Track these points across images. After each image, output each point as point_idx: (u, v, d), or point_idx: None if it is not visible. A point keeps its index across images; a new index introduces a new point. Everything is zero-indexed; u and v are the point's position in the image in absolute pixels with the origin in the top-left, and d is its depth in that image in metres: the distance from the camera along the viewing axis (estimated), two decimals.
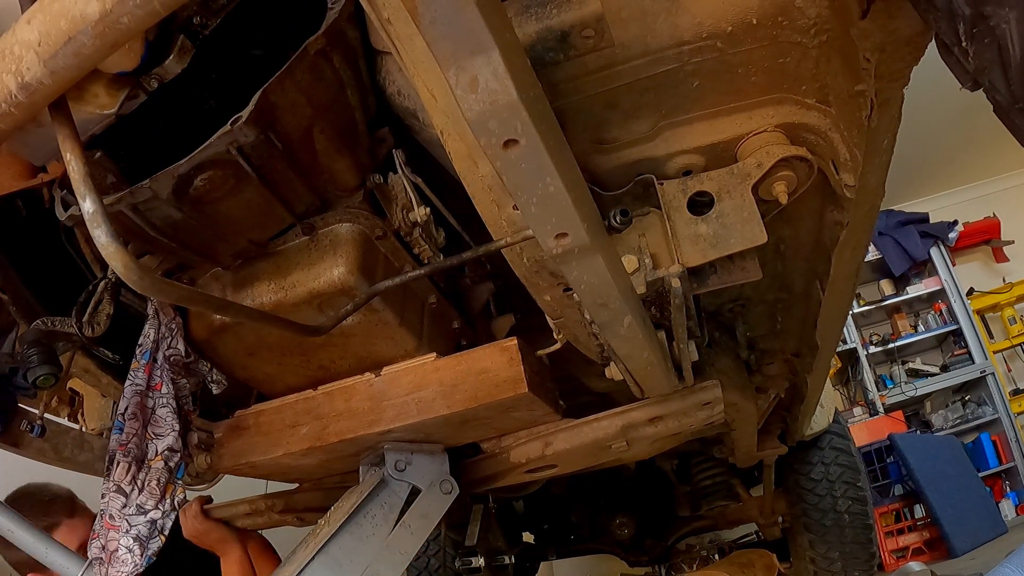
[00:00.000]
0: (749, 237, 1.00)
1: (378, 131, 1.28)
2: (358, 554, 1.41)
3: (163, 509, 1.35)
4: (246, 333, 1.39)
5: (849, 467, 3.08)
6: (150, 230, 1.17)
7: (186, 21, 1.10)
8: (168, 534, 1.36)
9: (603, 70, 0.89)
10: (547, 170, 0.69)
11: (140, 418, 1.36)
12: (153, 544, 1.33)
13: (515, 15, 0.87)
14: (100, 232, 0.83)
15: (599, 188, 1.05)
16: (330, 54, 1.09)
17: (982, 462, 6.30)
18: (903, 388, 6.67)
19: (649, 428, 1.52)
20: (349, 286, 1.27)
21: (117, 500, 1.33)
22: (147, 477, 1.36)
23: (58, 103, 0.87)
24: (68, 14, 0.75)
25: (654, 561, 3.76)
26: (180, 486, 1.40)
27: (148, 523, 1.34)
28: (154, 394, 1.38)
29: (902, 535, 5.73)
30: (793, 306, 1.66)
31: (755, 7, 0.82)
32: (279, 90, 1.05)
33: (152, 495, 1.35)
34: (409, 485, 1.53)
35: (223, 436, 1.52)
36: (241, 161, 1.07)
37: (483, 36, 0.59)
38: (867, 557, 3.11)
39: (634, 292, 1.00)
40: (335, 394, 1.47)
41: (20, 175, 1.22)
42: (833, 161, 1.01)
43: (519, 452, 1.60)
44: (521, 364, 1.35)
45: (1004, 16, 0.59)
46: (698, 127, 1.00)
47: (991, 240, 7.09)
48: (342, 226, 1.31)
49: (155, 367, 1.38)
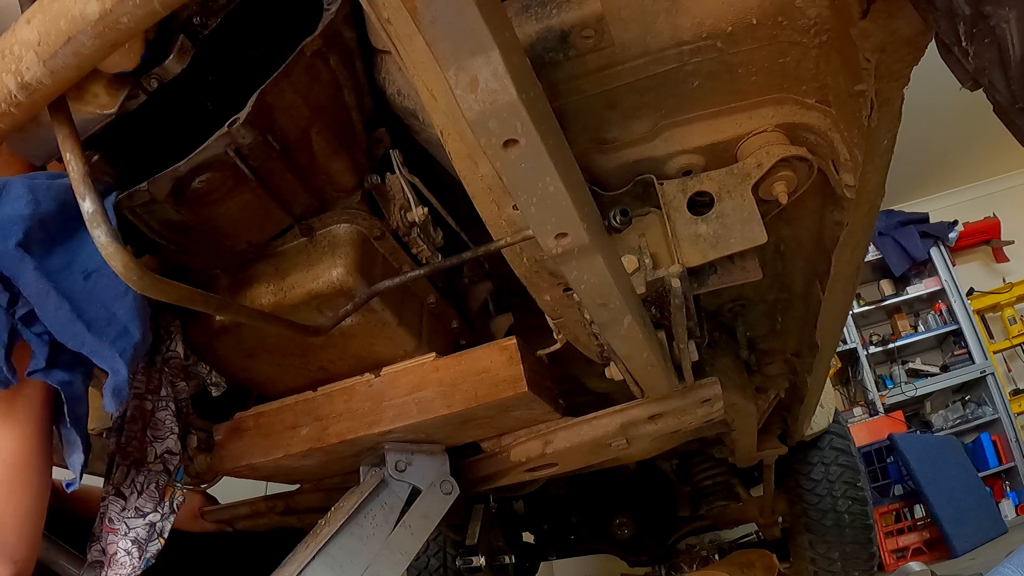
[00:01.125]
0: (749, 237, 1.00)
1: (375, 131, 1.28)
2: (358, 554, 1.41)
3: (162, 512, 1.35)
4: (245, 335, 1.38)
5: (849, 467, 3.08)
6: (148, 232, 1.17)
7: (186, 21, 1.10)
8: (168, 536, 1.36)
9: (603, 70, 0.89)
10: (547, 170, 0.69)
11: (139, 421, 1.36)
12: (152, 547, 1.33)
13: (515, 15, 0.87)
14: (100, 232, 0.83)
15: (599, 188, 1.05)
16: (327, 55, 1.09)
17: (982, 462, 6.31)
18: (903, 388, 6.67)
19: (649, 426, 1.52)
20: (348, 287, 1.27)
21: (116, 504, 1.33)
22: (146, 480, 1.36)
23: (58, 103, 0.87)
24: (68, 14, 0.76)
25: (654, 561, 3.76)
26: (179, 489, 1.40)
27: (147, 526, 1.34)
28: (153, 397, 1.38)
29: (902, 535, 5.73)
30: (793, 306, 1.66)
31: (755, 7, 0.82)
32: (276, 91, 1.05)
33: (151, 498, 1.35)
34: (410, 485, 1.53)
35: (223, 438, 1.52)
36: (239, 163, 1.07)
37: (483, 36, 0.59)
38: (867, 557, 3.11)
39: (634, 292, 1.00)
40: (335, 395, 1.47)
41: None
42: (833, 161, 1.01)
43: (519, 451, 1.61)
44: (521, 363, 1.36)
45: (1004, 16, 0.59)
46: (698, 127, 1.00)
47: (991, 240, 7.09)
48: (340, 227, 1.30)
49: (153, 370, 1.38)
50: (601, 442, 1.54)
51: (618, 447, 1.58)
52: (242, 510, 1.88)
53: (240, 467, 1.52)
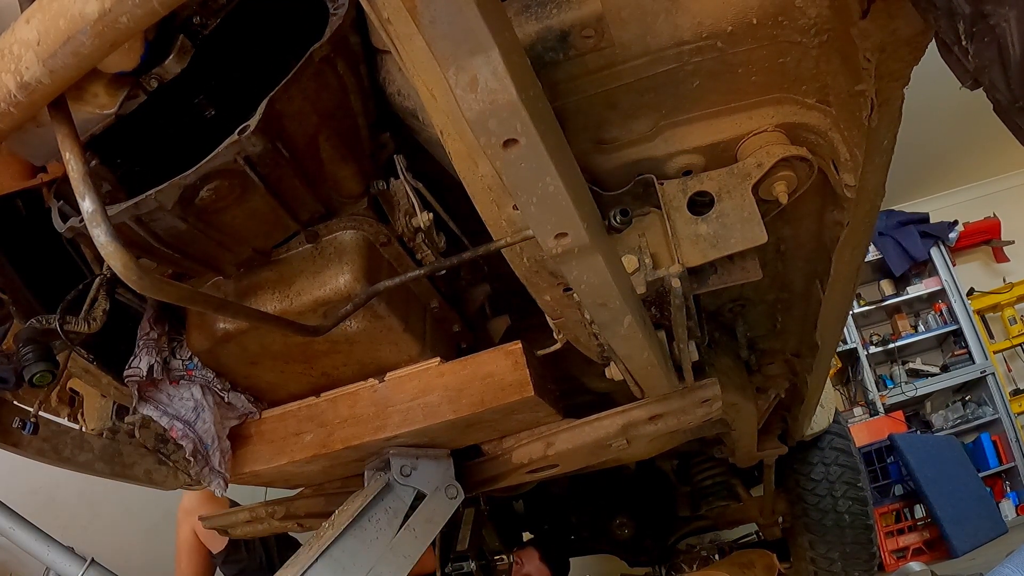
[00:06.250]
0: (749, 237, 1.00)
1: (380, 136, 1.27)
2: (361, 557, 1.41)
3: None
4: (249, 342, 1.37)
5: (849, 467, 3.07)
6: (153, 241, 1.15)
7: (186, 21, 1.09)
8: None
9: (603, 70, 0.89)
10: (547, 170, 0.69)
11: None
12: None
13: (515, 15, 0.87)
14: (99, 232, 0.83)
15: (599, 188, 1.05)
16: (334, 60, 1.08)
17: (982, 462, 6.30)
18: (903, 388, 6.67)
19: (649, 426, 1.52)
20: (355, 294, 1.25)
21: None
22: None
23: (57, 103, 0.87)
24: (67, 13, 0.75)
25: (654, 561, 3.76)
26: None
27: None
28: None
29: (902, 535, 5.73)
30: (793, 306, 1.66)
31: (755, 7, 0.82)
32: (285, 98, 1.04)
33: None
34: (414, 490, 1.53)
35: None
36: (248, 171, 1.06)
37: (483, 35, 0.59)
38: (867, 557, 3.11)
39: (634, 292, 1.00)
40: (339, 400, 1.47)
41: (20, 175, 1.22)
42: (833, 161, 1.01)
43: (521, 453, 1.60)
44: (526, 367, 1.36)
45: (1004, 15, 0.59)
46: (698, 127, 1.00)
47: (991, 240, 7.08)
48: (346, 233, 1.30)
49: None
50: (602, 443, 1.54)
51: (618, 447, 1.58)
52: (241, 516, 1.88)
53: (243, 474, 1.51)
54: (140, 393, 1.40)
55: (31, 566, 3.11)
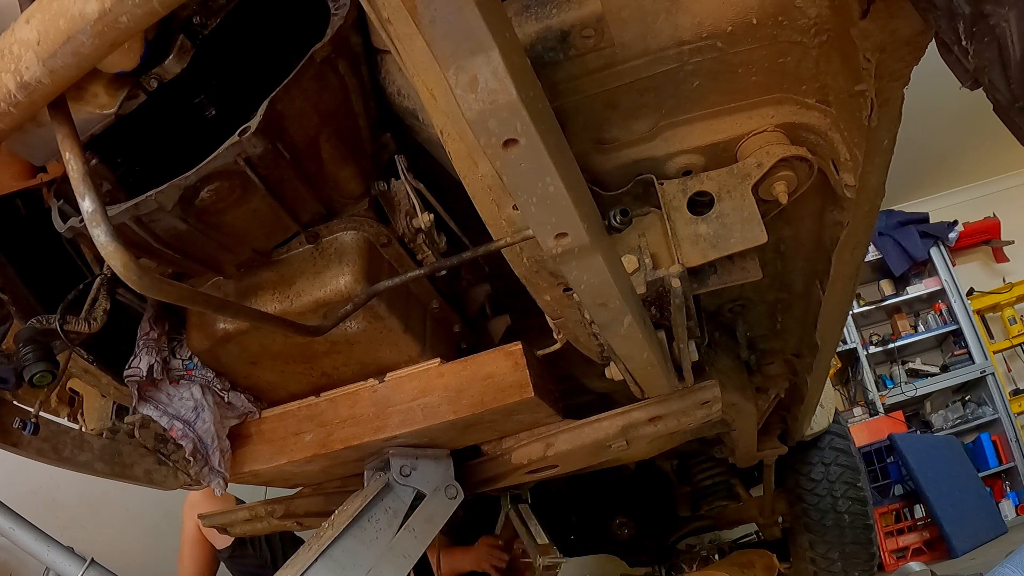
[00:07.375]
0: (749, 237, 1.00)
1: (380, 136, 1.27)
2: (361, 557, 1.41)
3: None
4: (249, 342, 1.37)
5: (849, 467, 3.08)
6: (153, 241, 1.15)
7: (186, 21, 1.09)
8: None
9: (603, 70, 0.89)
10: (547, 170, 0.68)
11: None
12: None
13: (515, 15, 0.87)
14: (99, 231, 0.83)
15: (599, 188, 1.05)
16: (335, 61, 1.08)
17: (982, 462, 6.31)
18: (903, 388, 6.67)
19: (649, 428, 1.52)
20: (355, 295, 1.25)
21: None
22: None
23: (57, 103, 0.87)
24: (67, 13, 0.75)
25: (654, 561, 3.76)
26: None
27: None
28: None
29: (902, 535, 5.73)
30: (793, 306, 1.66)
31: (755, 7, 0.82)
32: (286, 99, 1.04)
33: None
34: (414, 490, 1.53)
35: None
36: (249, 172, 1.06)
37: (483, 35, 0.59)
38: (867, 557, 3.11)
39: (634, 292, 1.00)
40: (339, 401, 1.47)
41: (20, 175, 1.22)
42: (833, 161, 1.01)
43: (520, 453, 1.60)
44: (527, 368, 1.36)
45: (1004, 15, 0.59)
46: (698, 127, 0.99)
47: (991, 240, 7.09)
48: (347, 234, 1.29)
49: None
50: (602, 444, 1.54)
51: (618, 448, 1.58)
52: (240, 515, 1.88)
53: (243, 474, 1.51)
54: (140, 393, 1.40)
55: (31, 566, 3.11)
